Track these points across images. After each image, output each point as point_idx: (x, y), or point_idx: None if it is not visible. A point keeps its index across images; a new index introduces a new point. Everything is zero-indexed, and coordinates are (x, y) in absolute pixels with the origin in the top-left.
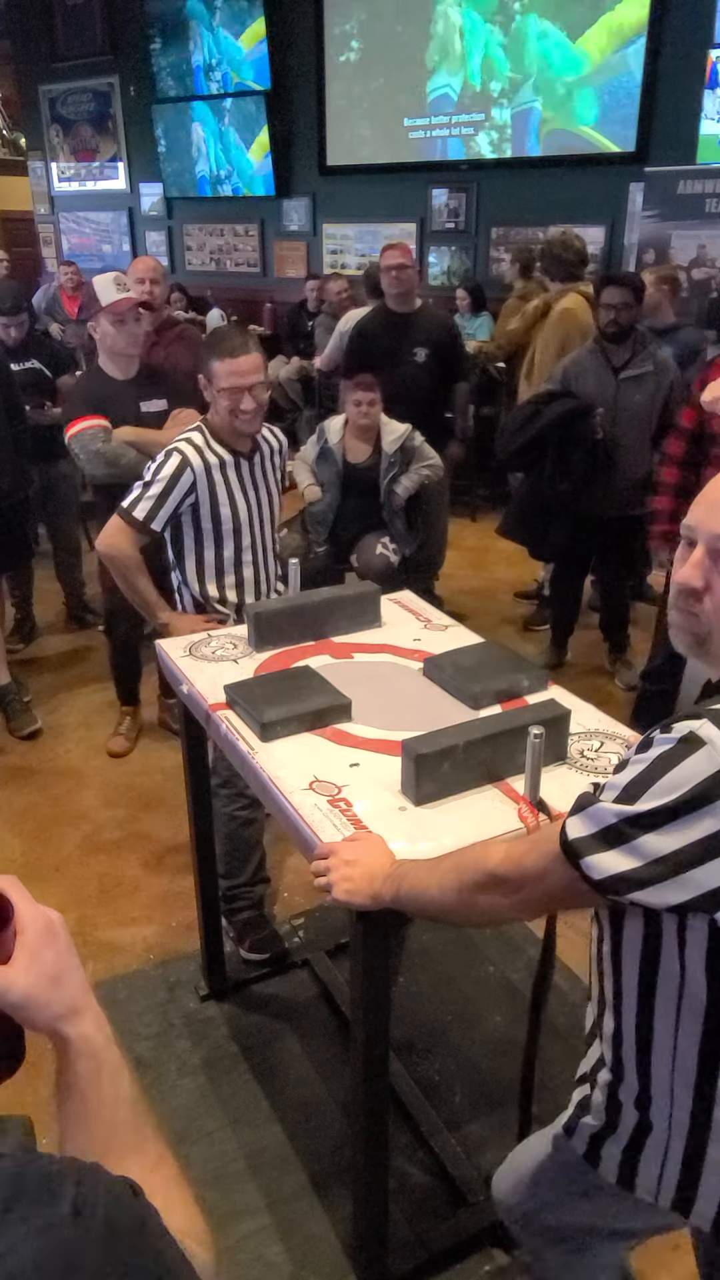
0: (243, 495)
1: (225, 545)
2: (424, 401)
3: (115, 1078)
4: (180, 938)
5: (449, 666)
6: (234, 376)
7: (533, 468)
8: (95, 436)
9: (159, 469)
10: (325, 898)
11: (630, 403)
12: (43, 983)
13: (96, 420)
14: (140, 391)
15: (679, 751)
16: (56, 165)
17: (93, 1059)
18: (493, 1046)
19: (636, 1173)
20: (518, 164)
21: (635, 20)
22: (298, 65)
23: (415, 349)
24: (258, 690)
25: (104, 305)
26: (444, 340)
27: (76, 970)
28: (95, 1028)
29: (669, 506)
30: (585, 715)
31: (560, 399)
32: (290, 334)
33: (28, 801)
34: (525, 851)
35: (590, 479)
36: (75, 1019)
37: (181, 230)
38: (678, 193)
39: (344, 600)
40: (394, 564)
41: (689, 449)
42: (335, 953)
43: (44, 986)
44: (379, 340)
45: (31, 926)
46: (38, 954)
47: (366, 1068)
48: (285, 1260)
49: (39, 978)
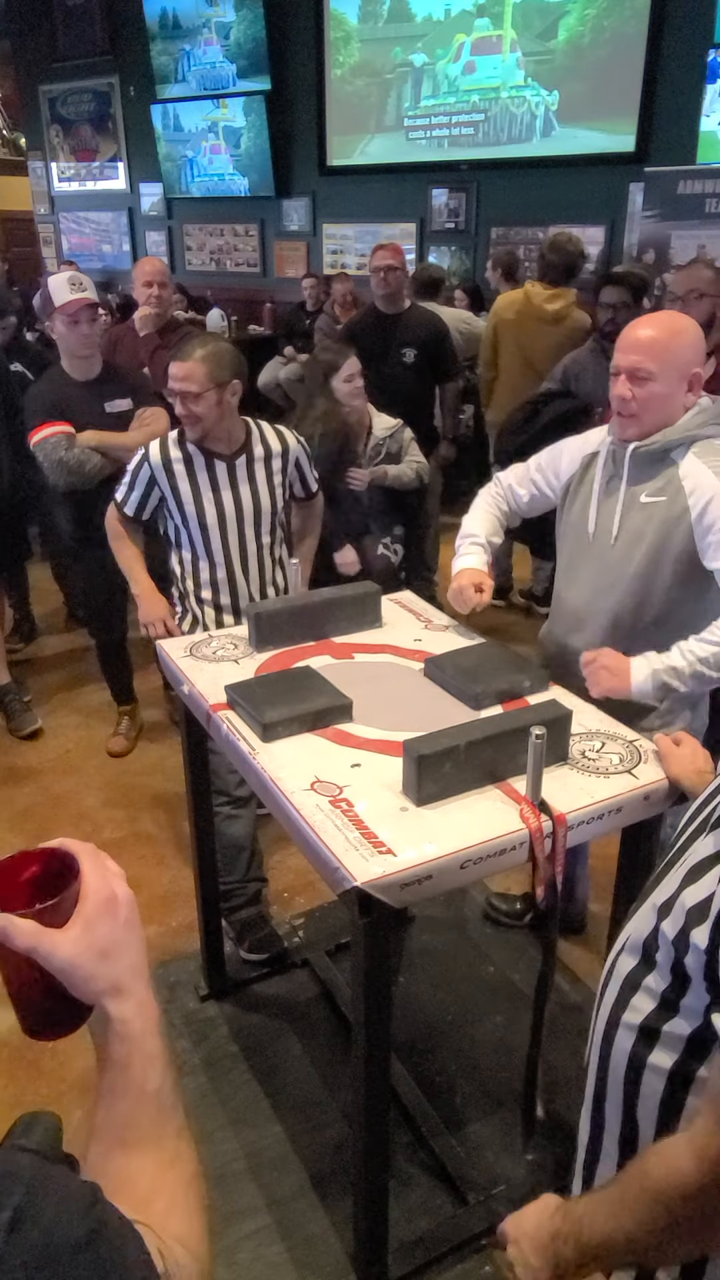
0: (213, 494)
1: (197, 542)
2: (412, 402)
3: (146, 1067)
4: (180, 938)
5: (450, 667)
6: (172, 380)
7: None
8: (58, 445)
9: (131, 461)
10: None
11: None
12: (90, 954)
13: (60, 426)
14: (102, 392)
15: None
16: (56, 165)
17: (127, 1043)
18: (493, 1046)
19: None
20: (518, 164)
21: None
22: (298, 65)
23: (404, 349)
24: (259, 690)
25: (56, 306)
26: (432, 341)
27: (132, 951)
28: (136, 1012)
29: None
30: (586, 715)
31: (560, 398)
32: (290, 334)
33: (28, 801)
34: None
35: None
36: (117, 998)
37: (181, 230)
38: (678, 193)
39: (344, 600)
40: (395, 564)
41: None
42: (335, 953)
43: (90, 958)
44: (367, 340)
45: (94, 897)
46: (92, 925)
47: (367, 1068)
48: (285, 1260)
49: (87, 949)
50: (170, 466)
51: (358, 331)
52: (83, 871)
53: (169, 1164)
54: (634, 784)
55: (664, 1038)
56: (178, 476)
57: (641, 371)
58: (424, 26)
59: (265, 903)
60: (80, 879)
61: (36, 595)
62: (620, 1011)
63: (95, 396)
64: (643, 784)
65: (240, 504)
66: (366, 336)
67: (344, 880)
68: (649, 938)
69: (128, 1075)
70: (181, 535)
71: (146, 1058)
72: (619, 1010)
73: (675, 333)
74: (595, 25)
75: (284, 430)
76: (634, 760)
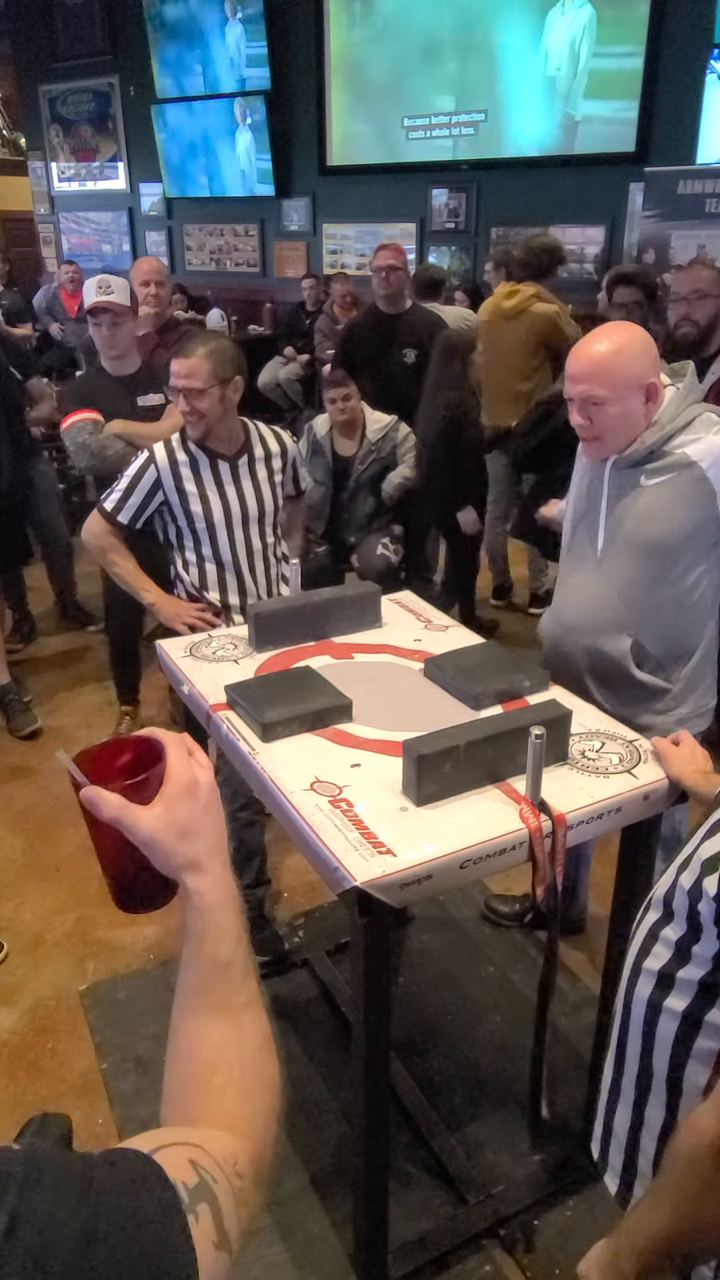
0: (218, 494)
1: (203, 544)
2: (411, 402)
3: (220, 939)
4: (180, 938)
5: (450, 667)
6: (175, 377)
7: (545, 469)
8: (83, 429)
9: (130, 466)
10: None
11: None
12: (171, 831)
13: (88, 414)
14: (137, 387)
15: None
16: (56, 165)
17: (203, 915)
18: (493, 1046)
19: None
20: (518, 164)
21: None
22: (298, 65)
23: (403, 350)
24: (258, 691)
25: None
26: (432, 341)
27: (210, 832)
28: (212, 887)
29: None
30: (586, 715)
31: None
32: (290, 334)
33: (28, 801)
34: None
35: None
36: (195, 873)
37: (181, 230)
38: (678, 193)
39: (344, 600)
40: (395, 564)
41: None
42: (335, 953)
43: (171, 835)
44: (367, 341)
45: (176, 780)
46: (174, 805)
47: (367, 1068)
48: (285, 1260)
49: (169, 825)
50: (177, 469)
51: (358, 331)
52: (168, 758)
53: (234, 1034)
54: (634, 784)
55: (678, 983)
56: (184, 479)
57: (594, 399)
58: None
59: (266, 904)
60: (165, 763)
61: (35, 595)
62: (642, 960)
63: (128, 391)
64: (642, 784)
65: (245, 503)
66: (366, 336)
67: (344, 880)
68: (668, 891)
69: (202, 946)
70: (186, 538)
71: (219, 930)
72: (641, 959)
73: (618, 351)
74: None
75: (280, 431)
76: (634, 760)
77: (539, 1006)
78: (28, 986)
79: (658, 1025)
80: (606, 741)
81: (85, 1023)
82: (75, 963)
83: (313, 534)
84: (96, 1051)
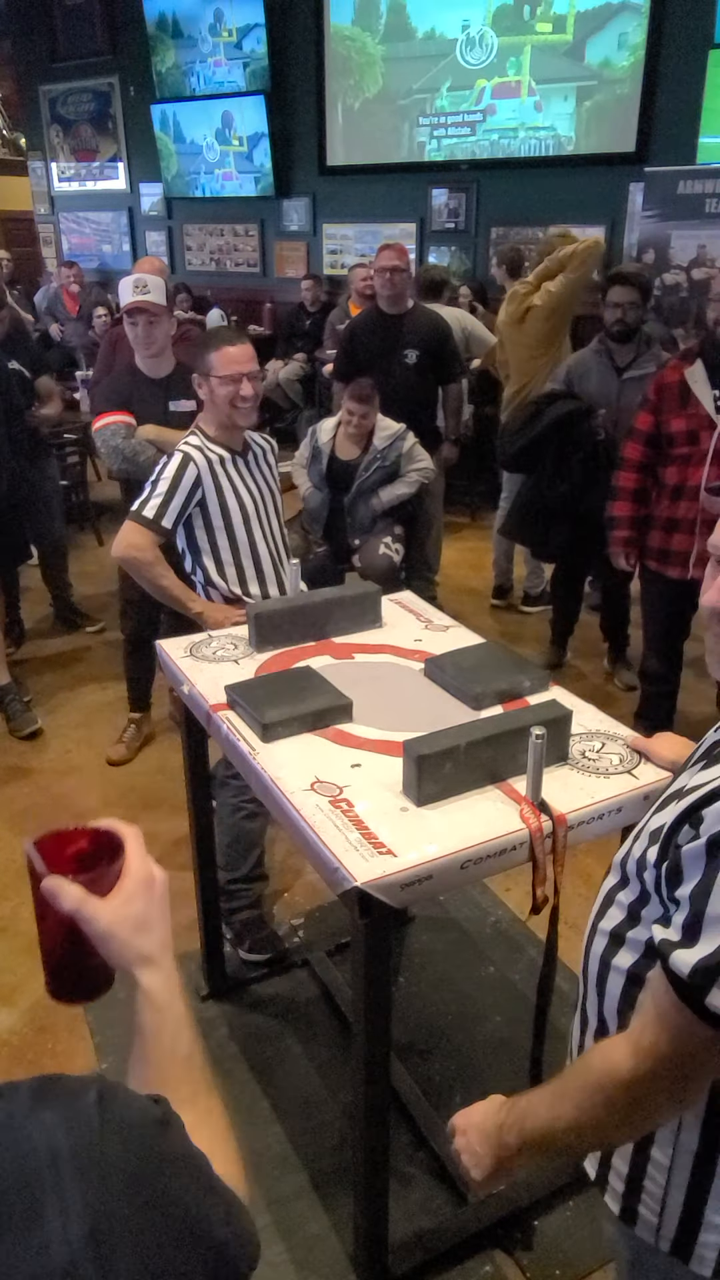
0: (245, 488)
1: (238, 537)
2: (414, 403)
3: (176, 1033)
4: (180, 938)
5: (450, 667)
6: (233, 365)
7: (534, 469)
8: (116, 432)
9: (163, 469)
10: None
11: (633, 403)
12: (127, 924)
13: (121, 416)
14: (170, 391)
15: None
16: (56, 165)
17: (157, 1011)
18: (493, 1047)
19: None
20: (518, 164)
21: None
22: (298, 65)
23: (406, 350)
24: (259, 691)
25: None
26: (435, 342)
27: (162, 927)
28: (164, 983)
29: (629, 512)
30: (586, 716)
31: (562, 399)
32: (289, 334)
33: (28, 801)
34: (655, 1040)
35: (590, 480)
36: (148, 967)
37: (181, 230)
38: (678, 193)
39: (345, 601)
40: (397, 564)
41: (647, 452)
42: (335, 953)
43: (127, 928)
44: (370, 341)
45: (135, 874)
46: (132, 899)
47: (368, 1068)
48: (285, 1260)
49: (125, 919)
50: (213, 467)
51: (360, 332)
52: (128, 851)
53: (203, 1119)
54: (634, 784)
55: (627, 942)
56: (219, 475)
57: None
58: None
59: (265, 902)
60: (125, 856)
61: (34, 595)
62: (599, 921)
63: (161, 394)
64: (643, 784)
65: (262, 494)
66: (369, 337)
67: (344, 880)
68: (623, 858)
69: (160, 1041)
70: (219, 536)
71: (178, 1024)
72: (598, 920)
73: None
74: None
75: (261, 433)
76: (634, 760)
77: (538, 1007)
78: (28, 986)
79: (608, 982)
80: (607, 742)
81: (85, 1023)
82: None
83: (312, 535)
84: (96, 1051)
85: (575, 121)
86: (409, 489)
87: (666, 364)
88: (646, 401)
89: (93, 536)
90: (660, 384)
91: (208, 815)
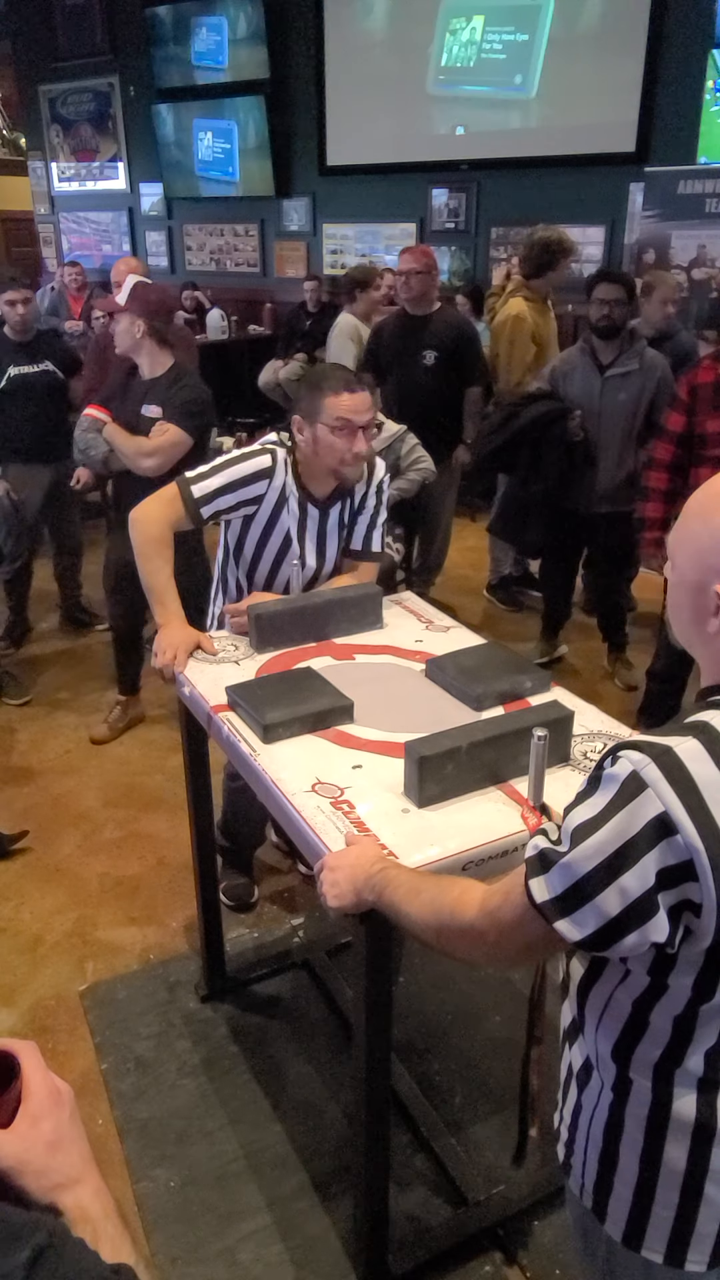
0: (299, 538)
1: (261, 563)
2: (430, 405)
3: (115, 1251)
4: (180, 938)
5: (451, 668)
6: (353, 413)
7: (512, 468)
8: (81, 423)
9: (242, 460)
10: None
11: (614, 401)
12: (39, 1149)
13: (99, 411)
14: (149, 396)
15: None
16: (56, 165)
17: (94, 1231)
18: (493, 1046)
19: None
20: (518, 164)
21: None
22: (298, 64)
23: (424, 352)
24: (259, 692)
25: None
26: (456, 344)
27: (78, 1141)
28: (93, 1199)
29: (660, 514)
30: (588, 716)
31: (541, 400)
32: (290, 334)
33: (28, 801)
34: (499, 905)
35: (567, 479)
36: (73, 1189)
37: (181, 230)
38: (678, 193)
39: (346, 601)
40: (397, 563)
41: (678, 452)
42: (335, 953)
43: (40, 1152)
44: (391, 342)
45: (37, 1093)
46: (38, 1120)
47: (368, 1068)
48: (285, 1260)
49: (35, 1143)
50: (283, 499)
51: (385, 334)
52: (24, 1069)
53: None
54: None
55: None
56: (280, 512)
57: None
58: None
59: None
60: (21, 1076)
61: (43, 594)
62: None
63: (140, 397)
64: None
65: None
66: (392, 338)
67: None
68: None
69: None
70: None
71: (114, 1241)
72: None
73: None
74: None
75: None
76: None
77: (531, 1004)
78: (28, 986)
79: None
80: (608, 742)
81: (85, 1023)
82: (75, 963)
83: None
84: (96, 1051)
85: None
86: (407, 489)
87: (700, 363)
88: (677, 401)
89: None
90: (693, 384)
91: (207, 816)
